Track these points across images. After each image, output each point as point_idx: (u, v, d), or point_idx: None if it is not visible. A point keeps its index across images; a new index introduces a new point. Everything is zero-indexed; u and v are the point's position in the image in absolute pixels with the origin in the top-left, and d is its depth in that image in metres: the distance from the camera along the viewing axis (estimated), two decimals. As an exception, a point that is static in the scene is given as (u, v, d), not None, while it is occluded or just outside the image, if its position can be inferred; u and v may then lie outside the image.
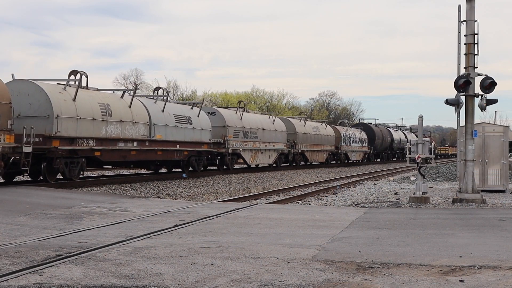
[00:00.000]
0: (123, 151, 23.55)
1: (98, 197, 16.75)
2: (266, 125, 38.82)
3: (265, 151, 38.06)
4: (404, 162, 70.18)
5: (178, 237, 9.77)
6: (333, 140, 52.60)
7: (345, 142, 55.06)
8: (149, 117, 25.52)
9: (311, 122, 51.07)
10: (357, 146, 59.12)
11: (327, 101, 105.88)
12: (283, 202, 19.84)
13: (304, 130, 46.09)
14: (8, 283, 6.39)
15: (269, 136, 38.71)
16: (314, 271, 7.20)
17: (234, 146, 33.55)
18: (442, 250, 8.81)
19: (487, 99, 17.73)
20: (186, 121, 28.65)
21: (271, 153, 39.18)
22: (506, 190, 22.17)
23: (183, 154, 28.07)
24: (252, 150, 36.07)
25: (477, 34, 17.77)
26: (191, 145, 28.82)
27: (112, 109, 23.10)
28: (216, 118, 33.15)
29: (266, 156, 38.50)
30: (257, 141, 36.78)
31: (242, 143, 34.56)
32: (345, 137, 55.40)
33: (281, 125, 41.99)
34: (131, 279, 6.63)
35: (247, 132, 35.52)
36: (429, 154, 18.36)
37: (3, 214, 11.93)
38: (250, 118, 37.32)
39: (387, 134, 70.90)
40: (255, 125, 37.02)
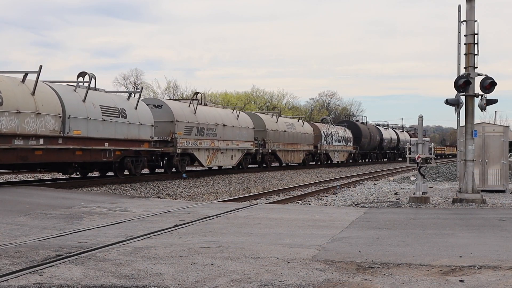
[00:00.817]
0: (21, 150, 18.58)
1: (98, 197, 16.75)
2: (228, 121, 33.39)
3: (226, 151, 32.66)
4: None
5: (178, 237, 9.77)
6: (311, 139, 47.30)
7: (326, 141, 50.31)
8: (62, 108, 20.27)
9: (285, 118, 45.71)
10: (340, 145, 54.32)
11: (327, 101, 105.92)
12: (283, 202, 19.85)
13: (276, 127, 40.91)
14: (8, 283, 6.39)
15: (231, 133, 33.35)
16: (314, 271, 7.20)
17: (185, 145, 28.21)
18: (442, 250, 8.81)
19: (487, 99, 17.73)
20: (118, 114, 23.35)
21: (234, 153, 33.77)
22: (506, 190, 22.17)
23: (114, 155, 22.96)
24: (209, 149, 30.70)
25: (477, 34, 17.78)
26: (126, 144, 23.75)
27: (3, 96, 17.92)
28: (163, 112, 27.98)
29: (228, 157, 33.06)
30: (216, 139, 31.38)
31: (196, 141, 29.26)
32: (326, 136, 50.56)
33: (247, 121, 36.39)
34: (131, 279, 6.63)
35: (203, 128, 30.18)
36: (429, 154, 18.37)
37: (3, 214, 11.93)
38: (208, 112, 31.77)
39: (375, 133, 65.98)
40: (213, 120, 31.49)
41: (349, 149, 57.19)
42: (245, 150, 35.32)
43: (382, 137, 67.51)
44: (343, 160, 55.52)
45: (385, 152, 71.28)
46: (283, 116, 45.93)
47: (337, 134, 53.51)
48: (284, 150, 41.69)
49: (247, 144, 35.43)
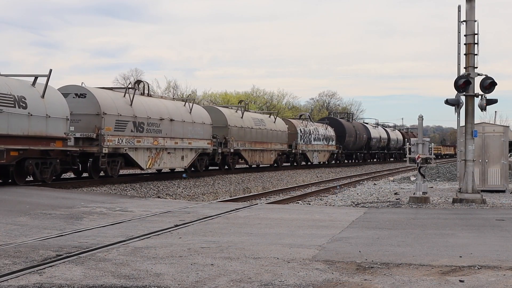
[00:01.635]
0: None
1: (98, 197, 16.75)
2: (177, 115, 27.96)
3: (175, 150, 27.36)
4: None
5: (178, 237, 9.77)
6: (285, 137, 42.23)
7: (303, 140, 45.21)
8: None
9: (253, 113, 40.19)
10: (320, 144, 49.00)
11: (327, 101, 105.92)
12: (283, 202, 19.85)
13: (241, 123, 35.67)
14: (8, 283, 6.39)
15: (182, 130, 27.92)
16: (314, 271, 7.20)
17: (115, 144, 23.22)
18: (442, 250, 8.81)
19: (487, 99, 17.73)
20: (12, 102, 18.13)
21: (185, 153, 28.34)
22: (506, 190, 22.17)
23: (7, 156, 17.83)
24: (151, 149, 25.52)
25: (477, 34, 17.78)
26: (26, 142, 18.59)
27: None
28: (87, 103, 23.05)
29: (177, 158, 27.68)
30: (161, 137, 26.23)
31: (132, 139, 24.22)
32: (304, 134, 45.51)
33: (204, 116, 30.82)
34: (131, 279, 6.63)
35: (142, 123, 25.02)
36: (429, 154, 18.37)
37: (3, 214, 11.93)
38: (150, 104, 26.31)
39: (362, 131, 60.36)
40: (157, 114, 26.25)
41: (331, 148, 52.16)
42: (200, 150, 29.65)
43: (369, 136, 62.29)
44: (324, 161, 50.60)
45: (374, 152, 66.44)
46: (251, 111, 41.09)
47: (316, 132, 48.38)
48: (251, 150, 36.46)
49: (202, 143, 29.80)
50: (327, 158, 51.22)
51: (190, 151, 28.99)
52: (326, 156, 51.07)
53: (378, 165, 59.66)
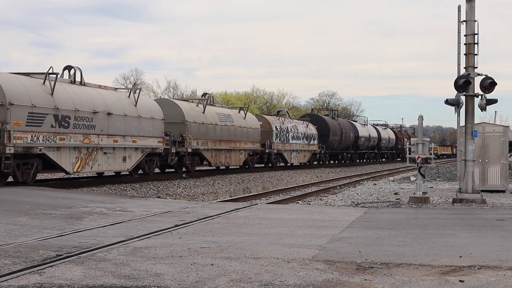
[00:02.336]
0: None
1: (98, 197, 16.75)
2: (118, 108, 23.30)
3: (114, 150, 22.88)
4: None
5: (178, 237, 9.77)
6: (257, 135, 37.26)
7: (279, 138, 40.62)
8: None
9: (218, 107, 35.30)
10: (300, 144, 44.23)
11: (327, 101, 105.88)
12: (283, 202, 19.85)
13: (202, 119, 30.74)
14: (8, 283, 6.39)
15: (123, 125, 23.45)
16: (314, 271, 7.20)
17: (27, 142, 18.78)
18: (442, 250, 8.81)
19: (487, 99, 17.73)
20: None
21: (128, 153, 23.85)
22: (506, 190, 22.17)
23: None
24: (80, 148, 20.95)
25: (477, 34, 17.78)
26: None
27: None
28: None
29: (117, 159, 23.18)
30: (94, 134, 21.64)
31: (51, 136, 19.75)
32: (280, 131, 40.92)
33: (154, 110, 26.14)
34: (131, 279, 6.63)
35: (68, 117, 20.56)
36: (429, 154, 18.37)
37: (3, 214, 11.93)
38: (79, 94, 21.54)
39: (348, 129, 55.51)
40: (89, 106, 21.61)
41: (313, 148, 47.19)
42: (148, 150, 25.15)
43: (357, 135, 57.58)
44: (304, 162, 45.74)
45: (362, 152, 61.48)
46: (216, 105, 36.22)
47: (295, 130, 43.73)
48: (215, 150, 31.67)
49: (151, 141, 25.25)
50: (307, 159, 46.29)
51: (135, 151, 24.28)
52: (306, 157, 46.07)
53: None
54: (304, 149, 45.53)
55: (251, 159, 37.25)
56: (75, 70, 22.47)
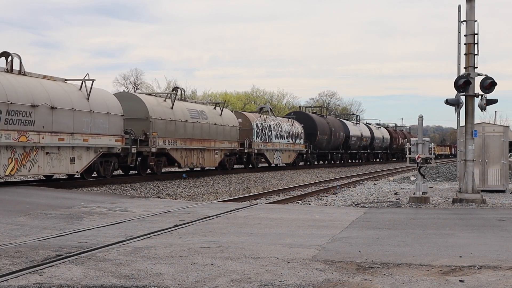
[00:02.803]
0: None
1: (98, 197, 16.75)
2: (65, 102, 20.55)
3: (59, 150, 20.12)
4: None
5: (178, 237, 9.77)
6: (235, 133, 33.95)
7: (260, 137, 37.44)
8: None
9: (190, 103, 31.26)
10: (284, 143, 40.99)
11: (327, 101, 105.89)
12: (283, 202, 19.84)
13: (170, 115, 27.37)
14: (8, 283, 6.39)
15: (72, 122, 20.70)
16: (314, 271, 7.20)
17: None
18: (442, 250, 8.81)
19: (487, 99, 17.73)
20: None
21: (78, 153, 21.06)
22: (506, 190, 22.17)
23: None
24: (15, 148, 18.18)
25: (477, 34, 17.78)
26: None
27: None
28: None
29: (64, 160, 20.38)
30: (33, 131, 18.79)
31: None
32: (262, 130, 37.75)
33: (111, 105, 23.32)
34: (131, 279, 6.63)
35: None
36: (429, 154, 18.37)
37: (3, 214, 11.93)
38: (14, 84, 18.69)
39: (338, 128, 51.89)
40: (27, 98, 18.75)
41: (299, 148, 43.77)
42: (103, 150, 22.46)
43: (348, 134, 54.27)
44: (289, 163, 42.58)
45: (354, 152, 57.95)
46: (188, 101, 32.11)
47: (279, 129, 40.50)
48: (185, 149, 28.23)
49: (107, 140, 22.55)
50: (293, 159, 43.01)
51: (87, 151, 21.49)
52: (291, 157, 42.72)
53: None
54: (289, 149, 42.04)
55: (228, 160, 33.54)
56: (13, 57, 19.71)
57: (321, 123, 48.47)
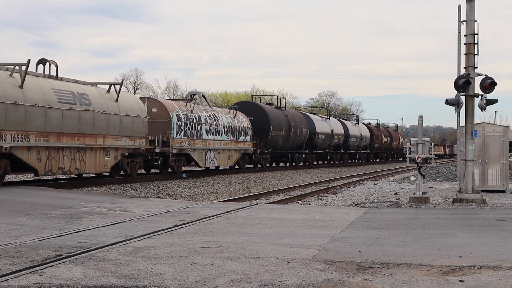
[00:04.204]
0: None
1: (98, 197, 16.75)
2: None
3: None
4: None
5: (178, 237, 9.77)
6: (141, 127, 24.77)
7: (184, 132, 28.36)
8: None
9: (64, 82, 21.29)
10: (221, 140, 31.91)
11: (327, 101, 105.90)
12: (283, 202, 19.84)
13: (17, 97, 18.43)
14: (8, 283, 6.39)
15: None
16: (314, 271, 7.20)
17: None
18: (442, 250, 8.81)
19: (487, 99, 17.73)
20: None
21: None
22: (506, 190, 22.17)
23: None
24: None
25: (477, 34, 17.78)
26: None
27: None
28: None
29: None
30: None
31: None
32: (186, 122, 28.62)
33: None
34: (131, 279, 6.63)
35: None
36: (429, 154, 18.37)
37: (3, 214, 11.93)
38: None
39: (300, 123, 43.27)
40: None
41: (243, 146, 34.80)
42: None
43: (313, 130, 45.53)
44: (230, 165, 33.98)
45: (322, 152, 48.91)
46: (63, 79, 21.59)
47: (214, 122, 31.43)
48: (46, 148, 19.44)
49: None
50: (235, 161, 34.08)
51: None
52: (233, 158, 33.76)
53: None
54: (229, 148, 33.04)
55: (130, 162, 24.32)
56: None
57: (276, 116, 39.55)
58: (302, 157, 45.05)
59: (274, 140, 38.92)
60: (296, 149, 43.76)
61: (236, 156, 34.22)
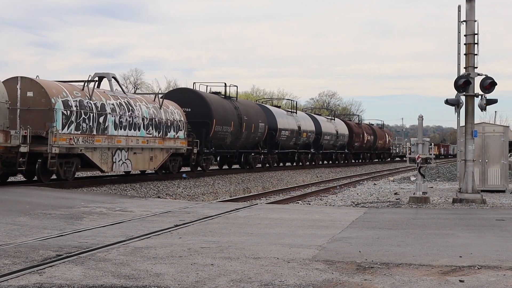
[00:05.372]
0: None
1: (98, 197, 16.75)
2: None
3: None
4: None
5: (178, 237, 9.77)
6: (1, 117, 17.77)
7: (77, 125, 20.71)
8: None
9: None
10: (139, 137, 24.30)
11: (327, 101, 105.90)
12: (283, 202, 19.84)
13: None
14: (8, 283, 6.39)
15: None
16: (314, 271, 7.20)
17: None
18: (442, 250, 8.81)
19: (487, 99, 17.73)
20: None
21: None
22: (506, 190, 22.17)
23: None
24: None
25: (477, 34, 17.78)
26: None
27: None
28: None
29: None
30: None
31: None
32: (80, 112, 20.86)
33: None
34: (131, 279, 6.63)
35: None
36: (429, 154, 18.37)
37: (3, 214, 11.93)
38: None
39: (256, 117, 35.37)
40: None
41: (174, 145, 26.67)
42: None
43: (274, 126, 38.02)
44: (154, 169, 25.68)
45: (287, 152, 41.00)
46: None
47: (126, 111, 23.62)
48: None
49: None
50: (159, 164, 25.71)
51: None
52: (158, 160, 25.52)
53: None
54: (151, 147, 24.94)
55: None
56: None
57: (222, 108, 31.44)
58: (260, 158, 36.90)
59: (219, 137, 30.99)
60: (251, 149, 35.79)
61: (162, 157, 26.04)
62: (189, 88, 32.84)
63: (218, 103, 31.59)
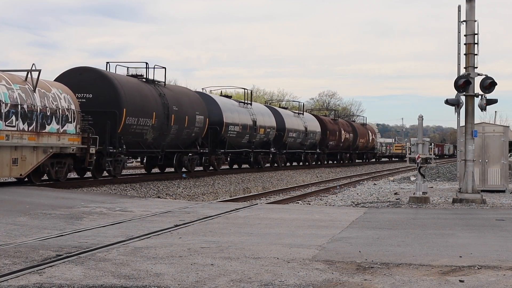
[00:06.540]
0: None
1: (98, 197, 16.75)
2: None
3: None
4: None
5: (178, 237, 9.77)
6: None
7: None
8: None
9: None
10: None
11: (327, 101, 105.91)
12: (283, 202, 19.85)
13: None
14: (8, 283, 6.39)
15: None
16: (314, 271, 7.20)
17: None
18: (442, 250, 8.81)
19: (487, 99, 17.74)
20: None
21: None
22: (506, 190, 22.17)
23: None
24: None
25: (477, 34, 17.78)
26: None
27: None
28: None
29: None
30: None
31: None
32: None
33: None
34: (131, 279, 6.63)
35: None
36: (428, 154, 18.37)
37: (3, 214, 11.93)
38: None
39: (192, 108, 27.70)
40: None
41: (56, 142, 19.09)
42: None
43: (219, 120, 31.01)
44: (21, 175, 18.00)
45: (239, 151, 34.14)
46: None
47: None
48: None
49: None
50: (33, 167, 18.30)
51: None
52: (28, 163, 18.02)
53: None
54: (14, 145, 17.48)
55: None
56: None
57: (139, 93, 24.07)
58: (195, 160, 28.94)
59: (133, 132, 23.50)
60: (186, 148, 28.17)
61: (36, 158, 18.45)
62: (90, 67, 23.57)
63: (132, 87, 23.80)
